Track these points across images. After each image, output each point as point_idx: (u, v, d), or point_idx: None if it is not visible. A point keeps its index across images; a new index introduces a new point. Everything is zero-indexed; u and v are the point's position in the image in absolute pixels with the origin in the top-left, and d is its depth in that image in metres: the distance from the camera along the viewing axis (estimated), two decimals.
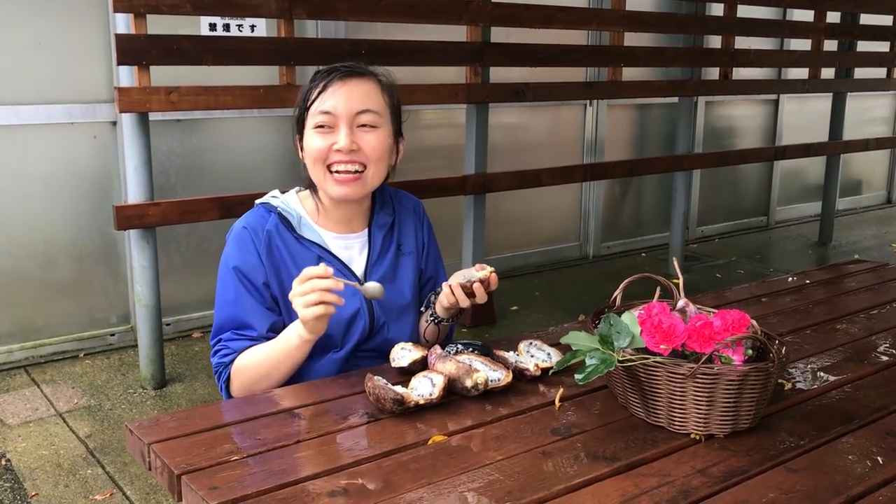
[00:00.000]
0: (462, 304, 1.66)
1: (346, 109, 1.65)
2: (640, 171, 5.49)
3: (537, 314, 4.69)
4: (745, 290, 2.37)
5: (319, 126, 1.66)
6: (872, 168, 8.16)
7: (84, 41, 3.82)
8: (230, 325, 1.68)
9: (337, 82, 1.67)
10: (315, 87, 1.68)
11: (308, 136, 1.68)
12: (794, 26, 6.09)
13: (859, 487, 1.23)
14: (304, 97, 1.70)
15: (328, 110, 1.65)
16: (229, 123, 4.23)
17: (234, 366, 1.65)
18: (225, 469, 1.22)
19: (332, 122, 1.66)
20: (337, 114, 1.65)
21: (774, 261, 6.18)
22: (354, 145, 1.65)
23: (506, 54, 4.31)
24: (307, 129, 1.69)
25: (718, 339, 1.35)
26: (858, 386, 1.63)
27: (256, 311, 1.67)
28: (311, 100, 1.68)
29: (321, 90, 1.67)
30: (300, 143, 1.73)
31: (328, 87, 1.67)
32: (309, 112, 1.68)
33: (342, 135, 1.65)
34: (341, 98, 1.66)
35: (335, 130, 1.66)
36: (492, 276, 1.66)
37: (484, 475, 1.22)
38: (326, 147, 1.66)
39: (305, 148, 1.70)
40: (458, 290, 1.65)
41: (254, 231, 1.69)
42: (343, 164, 1.66)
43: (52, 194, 3.85)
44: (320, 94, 1.67)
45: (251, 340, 1.66)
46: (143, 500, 2.72)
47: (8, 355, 3.81)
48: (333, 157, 1.66)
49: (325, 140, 1.66)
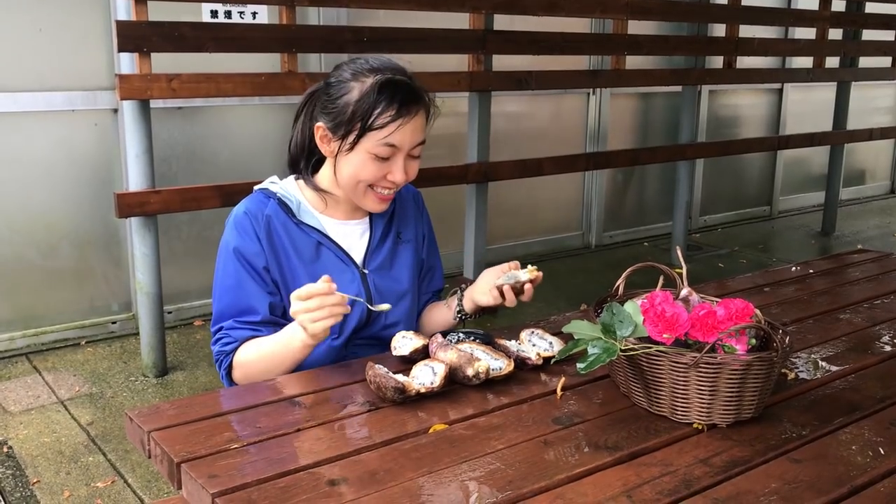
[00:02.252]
0: (510, 304, 1.68)
1: (409, 144, 1.65)
2: (642, 161, 5.47)
3: (539, 303, 4.65)
4: (747, 280, 2.36)
5: (379, 157, 1.64)
6: (876, 158, 8.14)
7: (85, 28, 3.80)
8: (231, 311, 1.67)
9: (406, 118, 1.62)
10: (383, 112, 1.60)
11: (361, 157, 1.64)
12: (798, 15, 6.06)
13: (862, 478, 1.22)
14: (367, 114, 1.60)
15: (395, 144, 1.63)
16: (231, 111, 4.22)
17: (235, 356, 1.65)
18: (225, 457, 1.22)
19: (393, 154, 1.64)
20: (402, 148, 1.64)
21: (777, 250, 6.16)
22: (406, 176, 1.67)
23: (509, 42, 4.28)
24: (361, 149, 1.63)
25: (722, 329, 1.34)
26: (861, 376, 1.62)
27: (257, 294, 1.66)
28: (378, 125, 1.61)
29: (390, 120, 1.60)
30: (338, 145, 1.66)
31: (398, 119, 1.61)
32: (369, 133, 1.61)
33: (399, 169, 1.65)
34: (408, 134, 1.63)
35: (391, 161, 1.65)
36: (538, 274, 1.69)
37: (485, 464, 1.22)
38: (381, 176, 1.66)
39: (353, 165, 1.65)
40: (510, 292, 1.67)
41: (254, 216, 1.68)
42: (389, 189, 1.68)
43: (53, 182, 3.85)
44: (389, 124, 1.61)
45: (253, 328, 1.66)
46: (145, 487, 2.72)
47: (9, 343, 3.82)
48: (383, 183, 1.67)
49: (380, 169, 1.65)
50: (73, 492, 2.69)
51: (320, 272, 1.68)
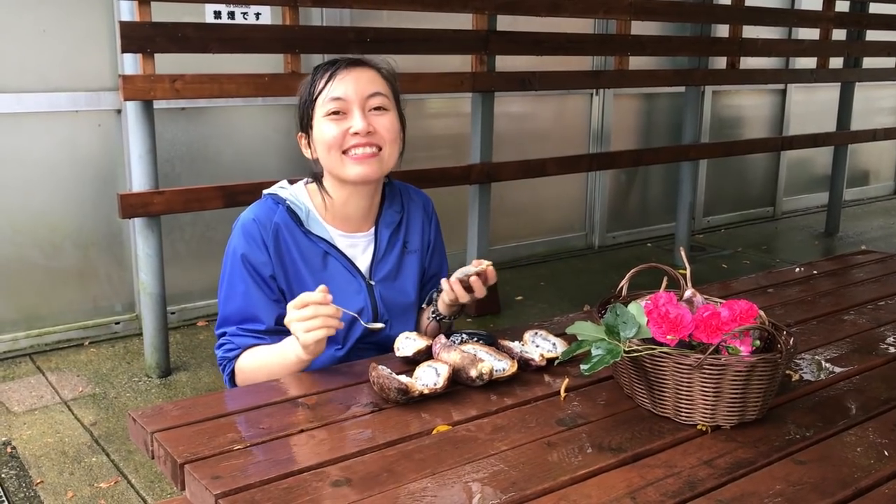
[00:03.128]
0: (462, 299, 1.67)
1: (357, 94, 1.65)
2: (646, 161, 5.46)
3: (542, 304, 4.68)
4: (751, 281, 2.35)
5: (332, 113, 1.65)
6: (880, 158, 8.12)
7: (88, 28, 3.81)
8: (236, 318, 1.67)
9: (342, 71, 1.67)
10: (320, 77, 1.68)
11: (320, 125, 1.67)
12: (802, 15, 6.05)
13: (867, 480, 1.21)
14: (310, 90, 1.69)
15: (339, 96, 1.65)
16: (234, 112, 4.22)
17: (237, 364, 1.66)
18: (228, 458, 1.22)
19: (344, 107, 1.65)
20: (348, 98, 1.65)
21: (781, 251, 6.15)
22: (370, 127, 1.65)
23: (512, 43, 4.28)
24: (317, 119, 1.67)
25: (726, 330, 1.34)
26: (866, 377, 1.61)
27: (264, 303, 1.67)
28: (319, 91, 1.67)
29: (328, 80, 1.66)
30: (307, 138, 1.72)
31: (335, 76, 1.66)
32: (317, 103, 1.67)
33: (357, 118, 1.65)
34: (350, 84, 1.66)
35: (348, 116, 1.65)
36: (489, 270, 1.66)
37: (488, 465, 1.22)
38: (342, 133, 1.65)
39: (318, 137, 1.68)
40: (457, 285, 1.66)
41: (262, 224, 1.68)
42: (361, 146, 1.66)
43: (56, 183, 3.85)
44: (328, 84, 1.66)
45: (256, 336, 1.66)
46: (148, 487, 2.72)
47: (13, 343, 3.82)
48: (350, 140, 1.66)
49: (340, 126, 1.65)
50: (77, 492, 2.69)
51: (327, 281, 1.68)
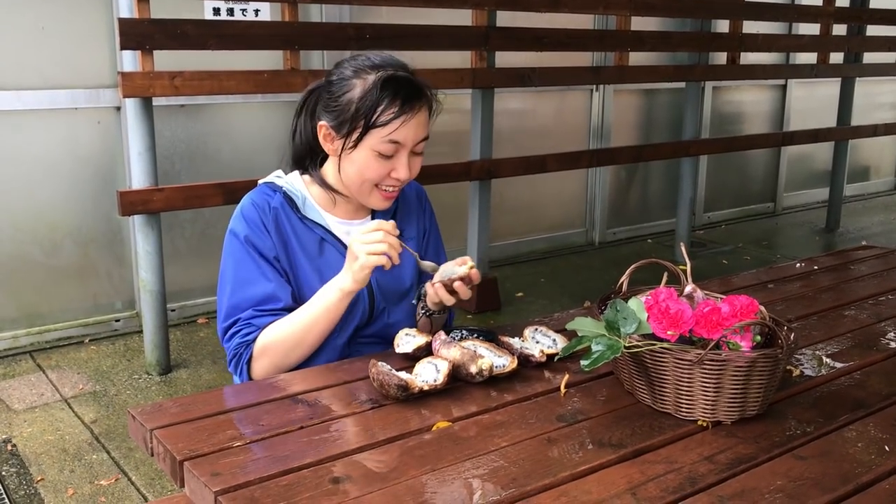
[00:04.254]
0: (447, 302, 1.64)
1: (412, 141, 1.64)
2: (646, 157, 5.46)
3: (543, 300, 4.68)
4: (752, 277, 2.35)
5: (385, 155, 1.63)
6: (881, 154, 8.11)
7: (87, 25, 3.80)
8: (249, 302, 1.63)
9: (409, 111, 1.61)
10: (387, 108, 1.60)
11: (366, 156, 1.63)
12: (802, 10, 6.04)
13: (868, 475, 1.21)
14: (371, 111, 1.60)
15: (399, 141, 1.62)
16: (234, 109, 4.21)
17: (257, 343, 1.61)
18: (227, 455, 1.21)
19: (397, 151, 1.64)
20: (406, 145, 1.63)
21: (781, 247, 6.15)
22: (410, 173, 1.67)
23: (511, 39, 4.27)
24: (365, 146, 1.62)
25: (726, 325, 1.34)
26: (867, 373, 1.61)
27: (278, 281, 1.65)
28: (381, 122, 1.60)
29: (394, 116, 1.60)
30: (342, 143, 1.65)
31: (401, 116, 1.60)
32: (373, 130, 1.61)
33: (403, 166, 1.64)
34: (411, 130, 1.62)
35: (395, 157, 1.64)
36: (472, 272, 1.61)
37: (488, 462, 1.21)
38: (386, 173, 1.65)
39: (358, 163, 1.64)
40: (441, 289, 1.62)
41: (261, 207, 1.67)
42: (394, 187, 1.68)
43: (56, 180, 3.85)
44: (392, 121, 1.60)
45: (276, 315, 1.63)
46: (149, 485, 2.72)
47: (13, 341, 3.82)
48: (388, 181, 1.66)
49: (385, 166, 1.64)
50: (77, 489, 2.69)
51: (324, 268, 1.68)
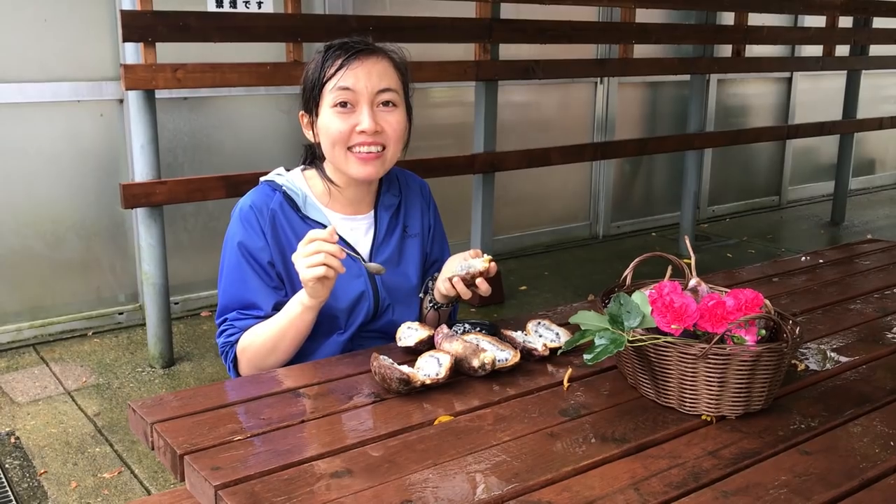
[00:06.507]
0: (464, 297, 1.62)
1: (367, 88, 1.61)
2: (650, 150, 5.44)
3: (546, 294, 4.67)
4: (756, 270, 2.34)
5: (340, 104, 1.62)
6: (886, 147, 8.07)
7: (90, 18, 3.79)
8: (236, 304, 1.67)
9: (355, 60, 1.62)
10: (331, 63, 1.63)
11: (326, 115, 1.64)
12: (808, 2, 5.99)
13: (873, 470, 1.20)
14: (319, 73, 1.64)
15: (349, 86, 1.61)
16: (236, 101, 4.20)
17: (238, 344, 1.65)
18: (228, 449, 1.21)
19: (353, 99, 1.62)
20: (358, 91, 1.61)
21: (786, 241, 6.13)
22: (378, 126, 1.62)
23: (515, 31, 4.25)
24: (324, 107, 1.64)
25: (731, 319, 1.33)
26: (872, 367, 1.60)
27: (262, 290, 1.66)
28: (328, 76, 1.62)
29: (339, 67, 1.61)
30: (312, 120, 1.68)
31: (346, 64, 1.61)
32: (325, 89, 1.63)
33: (365, 116, 1.61)
34: (362, 75, 1.61)
35: (356, 110, 1.62)
36: (491, 266, 1.61)
37: (491, 456, 1.21)
38: (349, 129, 1.62)
39: (323, 128, 1.65)
40: (460, 284, 1.60)
41: (258, 210, 1.67)
42: (366, 145, 1.63)
43: (58, 173, 3.84)
44: (339, 71, 1.61)
45: (257, 320, 1.65)
46: (151, 478, 2.72)
47: (17, 334, 3.82)
48: (356, 138, 1.63)
49: (347, 121, 1.62)
50: (80, 482, 2.69)
51: None
